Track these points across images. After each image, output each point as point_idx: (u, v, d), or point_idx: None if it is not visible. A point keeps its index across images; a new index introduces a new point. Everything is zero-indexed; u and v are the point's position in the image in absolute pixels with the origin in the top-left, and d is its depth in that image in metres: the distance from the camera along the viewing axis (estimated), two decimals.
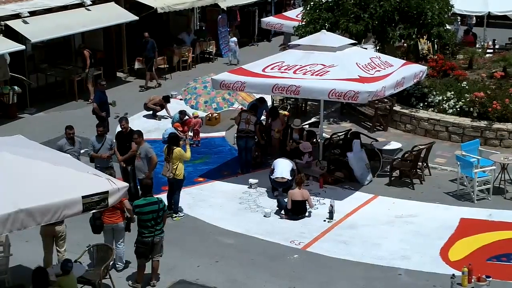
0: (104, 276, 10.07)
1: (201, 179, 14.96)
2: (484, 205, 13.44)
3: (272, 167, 13.92)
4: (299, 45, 15.55)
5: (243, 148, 15.16)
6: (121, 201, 11.03)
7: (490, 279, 10.34)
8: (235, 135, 15.48)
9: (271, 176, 13.84)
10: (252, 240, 12.21)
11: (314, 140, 15.96)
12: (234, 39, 25.70)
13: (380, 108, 17.83)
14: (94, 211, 8.72)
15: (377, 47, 19.38)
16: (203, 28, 27.04)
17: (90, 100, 19.92)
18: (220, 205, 13.70)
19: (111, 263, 10.44)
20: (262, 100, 16.73)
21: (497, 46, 24.93)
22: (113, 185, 8.52)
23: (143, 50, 22.19)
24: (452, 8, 19.56)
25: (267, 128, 16.30)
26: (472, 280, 10.43)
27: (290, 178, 13.64)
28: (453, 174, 14.51)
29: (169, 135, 13.50)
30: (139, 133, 13.12)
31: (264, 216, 13.10)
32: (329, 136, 16.32)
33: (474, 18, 28.66)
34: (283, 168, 13.77)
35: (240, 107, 17.95)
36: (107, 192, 8.41)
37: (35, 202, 7.87)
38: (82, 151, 13.44)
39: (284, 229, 12.62)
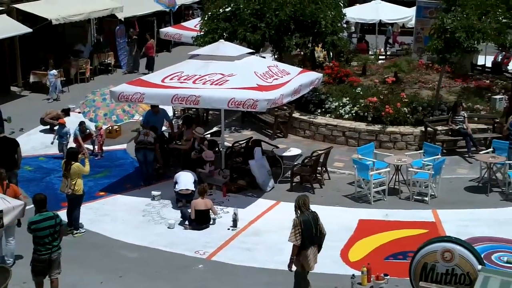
0: None
1: (102, 193, 14.71)
2: (380, 205, 13.94)
3: (174, 180, 13.91)
4: (198, 55, 15.62)
5: (143, 162, 15.04)
6: (15, 194, 10.83)
7: (388, 277, 10.70)
8: (135, 147, 15.33)
9: (175, 189, 13.82)
10: (156, 252, 12.12)
11: (216, 149, 16.05)
12: (54, 71, 22.06)
13: (279, 116, 18.17)
14: None
15: (275, 56, 19.77)
16: (101, 40, 26.66)
17: None
18: (123, 218, 13.52)
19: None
20: (155, 107, 16.08)
21: (388, 53, 26.00)
22: (7, 204, 8.26)
23: None
24: (345, 17, 20.23)
25: (177, 136, 16.32)
26: (371, 279, 10.79)
27: (194, 189, 13.68)
28: (351, 177, 14.96)
29: (67, 150, 13.20)
30: None
31: (168, 227, 13.04)
32: (230, 145, 16.47)
33: (353, 27, 29.61)
34: (186, 180, 13.79)
35: (139, 118, 17.83)
36: (1, 212, 8.15)
37: None
38: None
39: (189, 239, 12.61)
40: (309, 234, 9.62)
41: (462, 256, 7.95)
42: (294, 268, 9.78)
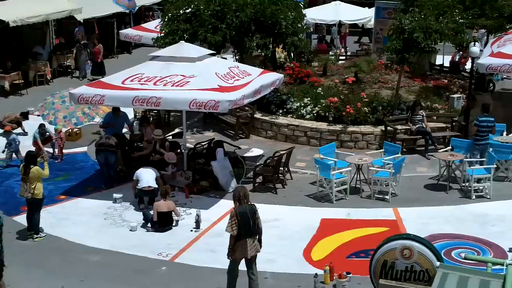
0: None
1: (63, 196, 14.54)
2: (342, 204, 14.05)
3: (135, 178, 13.82)
4: (158, 56, 15.54)
5: (104, 164, 14.90)
6: None
7: (350, 275, 10.78)
8: (95, 149, 15.20)
9: (137, 187, 13.72)
10: (119, 255, 12.01)
11: (178, 150, 16.00)
12: None
13: (241, 116, 18.20)
14: None
15: (236, 57, 19.78)
16: (62, 42, 26.32)
17: None
18: (84, 222, 13.37)
19: None
20: (116, 109, 16.03)
21: (349, 53, 26.23)
22: None
23: None
24: (305, 17, 20.36)
25: (140, 139, 16.21)
26: (334, 278, 10.87)
27: (156, 186, 13.63)
28: (313, 177, 15.05)
29: (26, 154, 13.00)
30: None
31: (130, 230, 12.94)
32: (193, 146, 16.43)
33: (312, 28, 29.64)
34: (148, 176, 13.71)
35: (100, 120, 17.67)
36: None
37: None
38: None
39: (151, 241, 12.53)
40: (245, 225, 9.84)
41: (421, 253, 8.05)
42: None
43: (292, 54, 21.80)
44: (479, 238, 12.33)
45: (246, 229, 9.86)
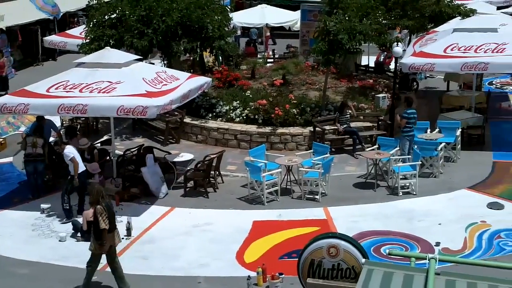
0: None
1: None
2: (273, 206, 14.18)
3: (69, 156, 13.40)
4: (84, 63, 15.28)
5: (32, 173, 14.56)
6: None
7: (283, 275, 10.91)
8: (23, 160, 14.83)
9: (79, 171, 13.42)
10: (48, 267, 11.76)
11: (108, 158, 15.78)
12: None
13: (171, 121, 18.11)
14: None
15: (164, 62, 19.66)
16: None
17: None
18: (11, 234, 13.03)
19: None
20: (40, 118, 15.63)
21: (276, 56, 26.47)
22: None
23: None
24: (231, 21, 20.43)
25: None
26: (267, 279, 10.96)
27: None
28: (244, 179, 15.12)
29: None
30: None
31: (60, 240, 12.69)
32: (122, 153, 16.24)
33: (239, 31, 29.76)
34: (80, 158, 13.68)
35: (25, 130, 17.23)
36: None
37: None
38: None
39: (81, 251, 12.20)
40: (112, 218, 10.69)
41: (346, 251, 8.21)
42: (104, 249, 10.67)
43: (220, 58, 21.83)
44: (407, 234, 12.67)
45: (113, 221, 10.69)
